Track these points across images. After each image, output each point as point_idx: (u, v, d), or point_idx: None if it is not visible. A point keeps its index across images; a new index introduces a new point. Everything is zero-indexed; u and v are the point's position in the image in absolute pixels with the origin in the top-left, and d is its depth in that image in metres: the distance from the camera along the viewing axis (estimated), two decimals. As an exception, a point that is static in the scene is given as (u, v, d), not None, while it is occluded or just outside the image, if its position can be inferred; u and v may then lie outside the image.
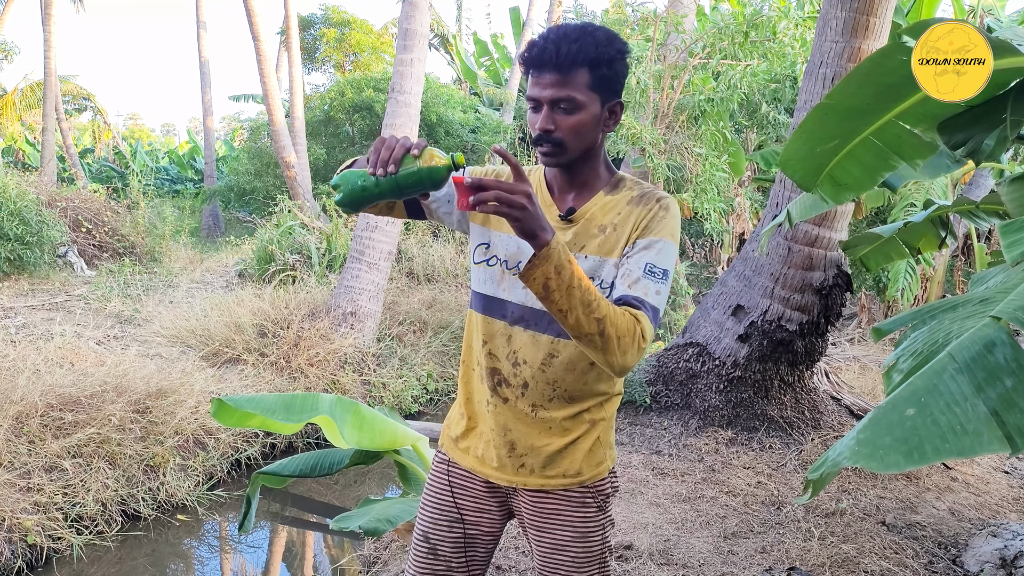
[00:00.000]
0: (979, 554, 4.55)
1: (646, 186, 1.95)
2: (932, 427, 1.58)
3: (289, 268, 11.34)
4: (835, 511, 5.05)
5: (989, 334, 1.70)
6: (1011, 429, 1.55)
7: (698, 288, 12.31)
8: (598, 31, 1.78)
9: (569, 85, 1.77)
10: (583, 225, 1.92)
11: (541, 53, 1.77)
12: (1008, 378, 1.62)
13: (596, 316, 1.66)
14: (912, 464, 1.54)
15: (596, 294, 1.68)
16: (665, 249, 1.84)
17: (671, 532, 4.68)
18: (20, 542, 4.97)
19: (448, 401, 9.23)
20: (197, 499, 5.99)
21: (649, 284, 1.80)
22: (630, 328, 1.71)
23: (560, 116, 1.80)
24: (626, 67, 1.85)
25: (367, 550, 5.06)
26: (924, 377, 1.70)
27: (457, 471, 2.16)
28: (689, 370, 6.44)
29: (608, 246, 1.89)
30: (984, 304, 1.89)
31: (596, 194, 1.94)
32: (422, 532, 2.16)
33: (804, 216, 4.32)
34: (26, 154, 26.97)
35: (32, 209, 10.94)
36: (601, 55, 1.77)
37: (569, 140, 1.83)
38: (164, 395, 6.49)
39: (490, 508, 2.14)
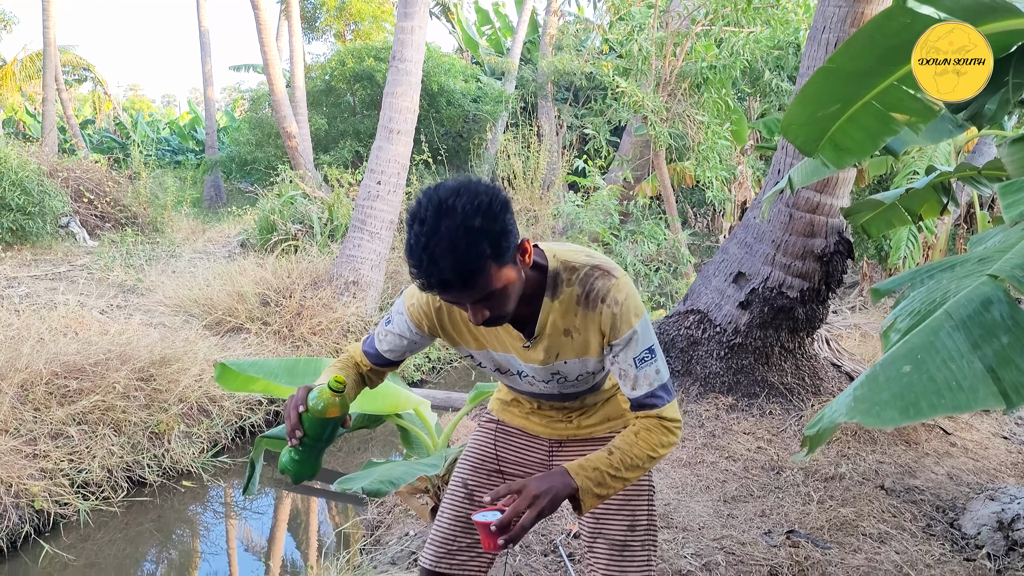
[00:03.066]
0: (976, 517, 4.59)
1: (580, 272, 1.88)
2: (928, 383, 1.59)
3: (291, 238, 11.34)
4: (834, 475, 5.09)
5: (986, 292, 1.71)
6: (1007, 386, 1.56)
7: (700, 257, 12.31)
8: (469, 219, 1.60)
9: (480, 288, 1.67)
10: (548, 338, 1.94)
11: (440, 283, 1.65)
12: (1004, 335, 1.63)
13: (640, 465, 1.85)
14: (908, 419, 1.56)
15: (627, 455, 1.84)
16: (640, 334, 1.88)
17: (671, 496, 4.72)
18: (28, 508, 5.02)
19: (450, 370, 9.28)
20: (202, 466, 6.05)
21: (646, 372, 1.88)
22: (658, 433, 1.88)
23: (488, 304, 1.74)
24: (506, 213, 1.70)
25: (370, 514, 5.11)
26: (921, 335, 1.71)
27: (504, 427, 2.29)
28: (690, 337, 6.45)
29: (580, 347, 1.94)
30: (982, 263, 1.90)
31: (542, 301, 1.90)
32: (461, 480, 2.26)
33: (806, 182, 4.31)
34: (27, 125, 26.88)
35: (33, 179, 10.93)
36: (489, 244, 1.63)
37: (507, 309, 1.78)
38: (168, 363, 6.53)
39: (530, 462, 2.26)
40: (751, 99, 12.96)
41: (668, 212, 11.67)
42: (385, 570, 3.86)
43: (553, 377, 2.02)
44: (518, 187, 13.82)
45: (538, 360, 1.97)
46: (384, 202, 9.32)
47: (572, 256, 1.90)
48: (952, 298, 1.78)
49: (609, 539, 2.13)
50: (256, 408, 6.97)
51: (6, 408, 5.42)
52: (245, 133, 18.88)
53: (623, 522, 2.14)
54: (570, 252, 1.92)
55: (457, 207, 1.60)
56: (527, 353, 1.97)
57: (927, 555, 4.08)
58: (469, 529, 2.20)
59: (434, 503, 3.53)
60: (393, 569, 3.86)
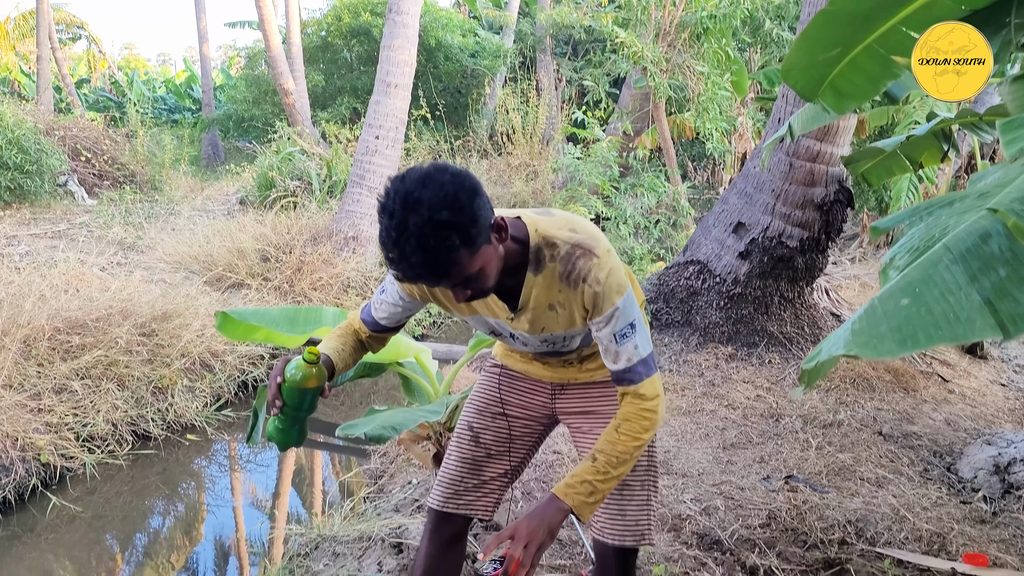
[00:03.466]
0: (973, 461, 4.64)
1: (561, 249, 1.87)
2: (926, 316, 1.60)
3: (290, 194, 11.32)
4: (833, 422, 5.13)
5: (985, 225, 1.72)
6: (1004, 317, 1.57)
7: (699, 211, 12.28)
8: (436, 212, 1.58)
9: (456, 275, 1.68)
10: (533, 311, 1.95)
11: (413, 277, 1.67)
12: (1002, 268, 1.64)
13: (628, 459, 1.89)
14: (905, 350, 1.57)
15: (611, 455, 1.88)
16: (622, 311, 1.88)
17: (671, 444, 4.76)
18: (34, 461, 5.07)
19: (451, 324, 9.31)
20: (205, 419, 6.09)
21: (626, 347, 1.90)
22: (638, 420, 1.90)
23: (468, 285, 1.74)
24: (475, 199, 1.65)
25: (374, 464, 5.16)
26: (919, 269, 1.72)
27: (508, 372, 2.32)
28: (690, 288, 6.47)
29: (566, 322, 1.96)
30: (982, 198, 1.90)
31: (525, 274, 1.90)
32: (467, 423, 2.30)
33: (806, 128, 4.29)
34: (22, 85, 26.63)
35: (30, 138, 10.87)
36: (458, 235, 1.61)
37: (488, 285, 1.78)
38: (169, 318, 6.55)
39: (534, 405, 2.30)
40: (752, 50, 12.84)
41: (668, 164, 11.62)
42: (388, 517, 3.91)
43: (543, 343, 2.06)
44: (517, 142, 13.75)
45: (524, 330, 2.00)
46: (383, 157, 9.28)
47: (554, 231, 1.88)
48: (951, 233, 1.78)
49: None
50: (258, 362, 7.01)
51: (9, 363, 5.45)
52: (242, 91, 18.73)
53: None
54: (553, 226, 1.89)
55: (423, 200, 1.58)
56: (513, 323, 2.00)
57: (924, 498, 4.13)
58: (475, 471, 2.24)
59: (436, 449, 3.57)
60: (396, 516, 3.91)
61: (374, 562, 3.43)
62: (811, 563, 3.34)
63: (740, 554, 3.41)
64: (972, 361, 6.82)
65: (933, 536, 3.64)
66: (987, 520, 3.94)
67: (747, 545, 3.51)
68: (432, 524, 2.24)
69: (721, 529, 3.65)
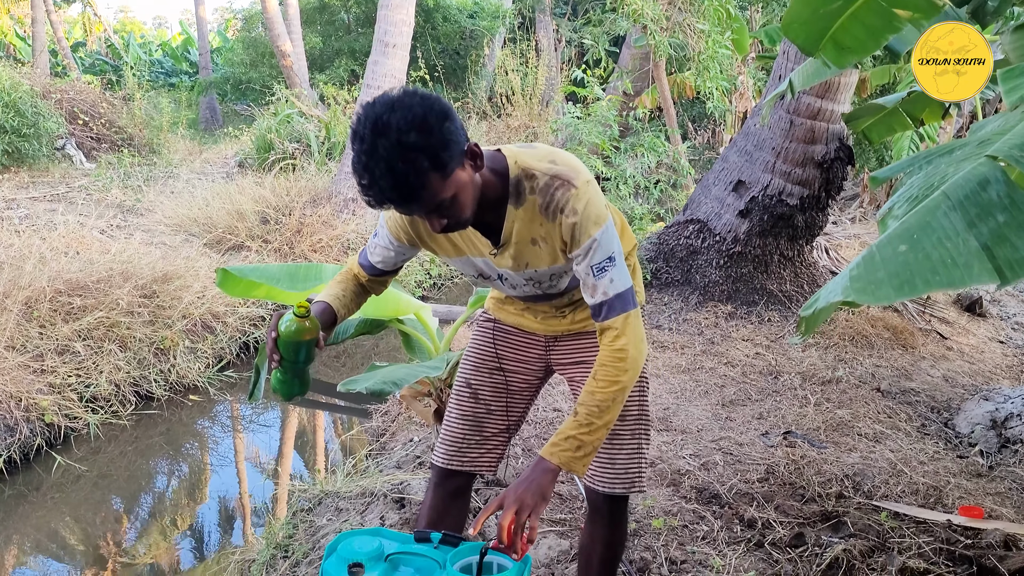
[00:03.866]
0: (971, 417, 4.67)
1: (540, 181, 1.85)
2: (924, 261, 1.61)
3: (289, 156, 11.28)
4: (831, 379, 5.16)
5: (984, 172, 1.72)
6: (1001, 262, 1.58)
7: (700, 171, 12.24)
8: (404, 135, 1.58)
9: (428, 200, 1.67)
10: (516, 246, 1.93)
11: (383, 201, 1.66)
12: (1000, 214, 1.64)
13: (611, 405, 1.85)
14: (903, 295, 1.58)
15: (592, 405, 1.85)
16: (600, 243, 1.85)
17: (670, 401, 4.79)
18: (38, 421, 5.11)
19: (451, 285, 9.32)
20: (208, 380, 6.12)
21: (602, 281, 1.87)
22: (612, 364, 1.86)
23: (442, 212, 1.73)
24: (446, 122, 1.64)
25: (375, 423, 5.20)
26: (917, 215, 1.72)
27: (501, 327, 2.32)
28: (689, 247, 6.47)
29: (549, 256, 1.94)
30: (981, 146, 1.90)
31: (506, 208, 1.89)
32: (464, 379, 2.30)
33: (807, 84, 4.27)
34: (17, 48, 26.37)
35: (27, 101, 10.79)
36: (427, 158, 1.61)
37: (464, 215, 1.77)
38: (170, 280, 6.56)
39: (529, 358, 2.30)
40: (753, 8, 12.71)
41: (668, 124, 11.56)
42: (390, 473, 3.94)
43: (528, 281, 2.04)
44: (516, 103, 13.66)
45: (508, 266, 1.99)
46: (381, 118, 9.22)
47: (534, 163, 1.86)
48: (950, 180, 1.78)
49: None
50: (259, 324, 7.03)
51: (11, 325, 5.46)
52: (239, 53, 18.57)
53: None
54: (533, 157, 1.88)
55: (392, 124, 1.58)
56: (496, 259, 1.98)
57: (921, 453, 4.17)
58: (477, 427, 2.25)
59: (437, 405, 3.59)
60: (398, 472, 3.95)
61: (377, 516, 3.47)
62: (808, 516, 3.37)
63: (738, 508, 3.45)
64: (971, 318, 6.84)
65: (930, 490, 3.67)
66: (983, 474, 3.97)
67: (745, 499, 3.54)
68: (436, 479, 2.25)
69: (720, 484, 3.69)
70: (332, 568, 1.70)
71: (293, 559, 3.34)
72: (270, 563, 3.40)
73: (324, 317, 2.03)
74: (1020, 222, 1.62)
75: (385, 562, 1.72)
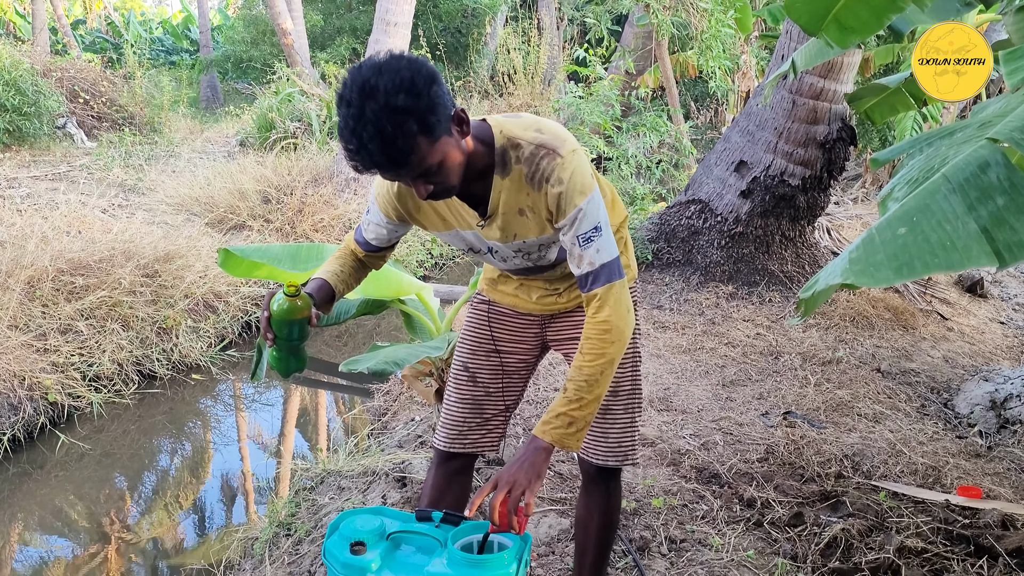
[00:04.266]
0: (970, 397, 4.69)
1: (525, 150, 1.84)
2: (923, 244, 1.61)
3: (290, 136, 11.25)
4: (831, 360, 5.17)
5: (984, 155, 1.72)
6: (1000, 245, 1.59)
7: (702, 151, 12.21)
8: (392, 97, 1.57)
9: (415, 165, 1.66)
10: (503, 217, 1.92)
11: (371, 166, 1.64)
12: (1000, 197, 1.65)
13: (599, 378, 1.84)
14: (901, 278, 1.59)
15: (580, 380, 1.84)
16: (586, 213, 1.83)
17: (671, 381, 4.81)
18: (42, 400, 5.13)
19: (452, 265, 9.32)
20: (210, 359, 6.14)
21: (588, 251, 1.85)
22: (598, 337, 1.85)
23: (429, 179, 1.72)
24: (433, 86, 1.64)
25: (377, 402, 5.22)
26: (917, 198, 1.72)
27: (496, 308, 2.32)
28: (691, 227, 6.47)
29: (538, 226, 1.92)
30: (982, 128, 1.90)
31: (492, 178, 1.87)
32: (462, 362, 2.31)
33: (810, 64, 4.25)
34: (16, 26, 26.25)
35: (27, 79, 10.75)
36: (416, 121, 1.60)
37: (451, 182, 1.75)
38: (172, 259, 6.57)
39: (525, 339, 2.31)
40: (756, -14, 12.61)
41: (670, 104, 11.51)
42: (392, 452, 3.97)
43: (517, 253, 2.03)
44: (518, 82, 13.60)
45: (496, 238, 1.98)
46: (382, 97, 9.19)
47: (520, 132, 1.85)
48: (950, 162, 1.79)
49: None
50: (261, 303, 7.03)
51: (14, 304, 5.48)
52: (240, 31, 18.50)
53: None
54: (518, 127, 1.86)
55: (379, 87, 1.57)
56: (484, 231, 1.97)
57: (920, 433, 4.18)
58: (476, 409, 2.27)
59: (438, 385, 3.61)
60: (400, 451, 3.97)
61: (378, 495, 3.49)
62: (807, 496, 3.39)
63: (738, 487, 3.47)
64: (972, 299, 6.85)
65: (928, 470, 3.69)
66: (982, 454, 3.99)
67: (745, 479, 3.56)
68: (437, 460, 2.28)
69: (720, 463, 3.71)
70: (334, 546, 1.71)
71: (295, 537, 3.37)
72: (273, 541, 3.43)
73: (322, 294, 2.04)
74: (1020, 205, 1.62)
75: (387, 540, 1.74)
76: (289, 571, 3.12)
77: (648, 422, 4.16)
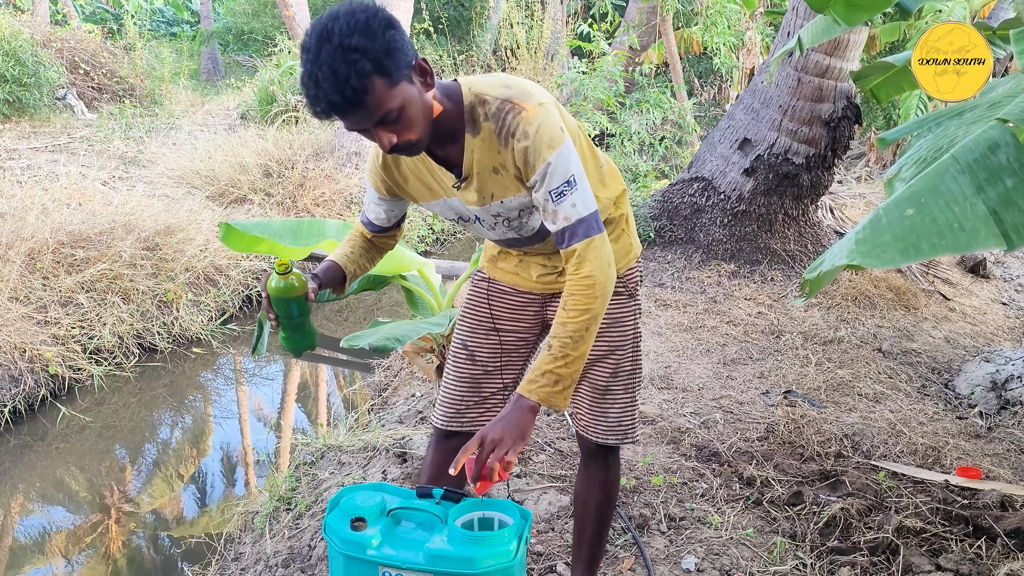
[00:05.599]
0: (971, 378, 4.69)
1: (492, 106, 1.80)
2: (930, 225, 1.60)
3: (292, 109, 11.19)
4: (833, 339, 5.17)
5: (993, 136, 1.70)
6: (1008, 227, 1.57)
7: (705, 128, 12.16)
8: (346, 38, 1.57)
9: (373, 107, 1.63)
10: (478, 178, 1.88)
11: (329, 108, 1.62)
12: (1009, 178, 1.63)
13: (584, 334, 1.81)
14: (908, 259, 1.57)
15: (563, 337, 1.80)
16: (555, 166, 1.78)
17: (672, 359, 4.81)
18: (42, 372, 5.14)
19: (454, 241, 9.30)
20: (211, 333, 6.15)
21: (563, 205, 1.80)
22: (581, 292, 1.81)
23: (390, 127, 1.69)
24: (390, 31, 1.63)
25: (377, 378, 5.23)
26: (925, 179, 1.71)
27: (497, 286, 2.29)
28: (694, 205, 6.45)
29: (512, 186, 1.88)
30: (991, 108, 1.88)
31: (463, 139, 1.84)
32: (460, 340, 2.29)
33: (816, 41, 4.22)
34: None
35: (27, 49, 10.68)
36: (370, 61, 1.58)
37: (416, 133, 1.72)
38: (172, 233, 6.56)
39: (525, 317, 2.28)
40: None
41: (674, 80, 11.44)
42: (392, 428, 3.97)
43: (497, 220, 1.99)
44: (521, 57, 13.52)
45: (474, 202, 1.94)
46: (385, 71, 9.15)
47: (487, 88, 1.82)
48: (959, 143, 1.77)
49: (592, 383, 2.22)
50: (262, 277, 7.02)
51: (15, 276, 5.47)
52: (241, 3, 18.37)
53: (606, 369, 2.20)
54: (486, 84, 1.83)
55: (335, 30, 1.58)
56: (463, 195, 1.94)
57: (920, 413, 4.19)
58: (475, 388, 2.26)
59: (439, 361, 3.61)
60: (400, 427, 3.98)
61: (379, 471, 3.50)
62: (807, 475, 3.40)
63: (738, 466, 3.47)
64: (974, 280, 6.84)
65: (928, 450, 3.70)
66: (982, 435, 4.00)
67: (745, 457, 3.57)
68: (437, 438, 2.28)
69: (720, 442, 3.71)
70: (335, 522, 1.72)
71: (296, 511, 3.38)
72: (273, 515, 3.44)
73: (330, 275, 2.06)
74: (1029, 186, 1.61)
75: (387, 517, 1.74)
76: (289, 545, 3.13)
77: (648, 400, 4.16)
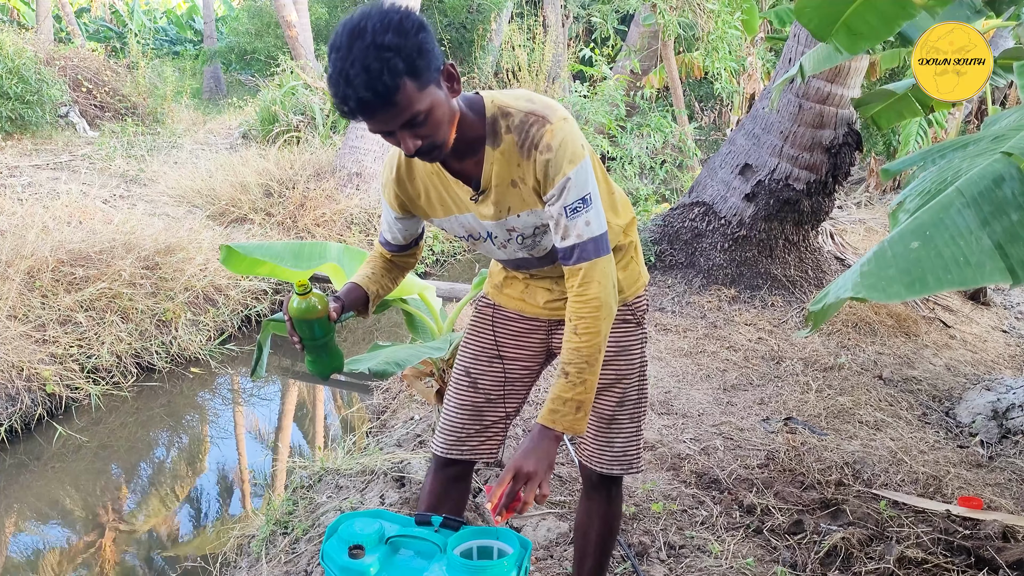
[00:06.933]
0: (972, 407, 4.67)
1: (515, 118, 1.82)
2: (936, 259, 1.59)
3: (293, 129, 11.23)
4: (833, 366, 5.15)
5: (999, 169, 1.70)
6: (1014, 262, 1.57)
7: (706, 152, 12.19)
8: (379, 36, 1.57)
9: (403, 107, 1.63)
10: (496, 191, 1.89)
11: (358, 106, 1.62)
12: (1015, 212, 1.63)
13: (595, 356, 1.84)
14: (913, 293, 1.57)
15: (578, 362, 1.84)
16: (574, 182, 1.80)
17: (672, 384, 4.79)
18: (39, 391, 5.12)
19: (454, 262, 9.30)
20: (209, 353, 6.12)
21: (576, 223, 1.81)
22: (590, 316, 1.83)
23: (416, 130, 1.69)
24: (422, 33, 1.63)
25: (376, 400, 5.21)
26: (930, 212, 1.70)
27: (501, 312, 2.27)
28: (694, 229, 6.45)
29: (530, 199, 1.88)
30: (996, 141, 1.88)
31: (484, 150, 1.85)
32: (463, 368, 2.27)
33: (817, 69, 4.24)
34: (20, 13, 26.20)
35: (30, 67, 10.73)
36: (402, 60, 1.59)
37: (439, 138, 1.73)
38: (172, 252, 6.56)
39: (530, 344, 2.26)
40: (763, -12, 12.58)
41: (675, 104, 11.48)
42: (391, 451, 3.95)
43: (511, 235, 1.98)
44: (523, 79, 13.56)
45: (490, 216, 1.94)
46: (387, 92, 9.18)
47: (510, 101, 1.84)
48: (964, 176, 1.77)
49: (598, 412, 2.20)
50: (261, 297, 7.02)
51: (14, 294, 5.46)
52: (244, 22, 18.46)
53: (613, 397, 2.19)
54: (509, 97, 1.85)
55: (367, 27, 1.57)
56: (479, 209, 1.94)
57: (921, 442, 4.17)
58: (476, 416, 2.23)
59: (439, 386, 3.59)
60: (399, 450, 3.96)
61: (377, 495, 3.48)
62: (807, 503, 3.38)
63: (738, 493, 3.45)
64: (974, 307, 6.83)
65: (929, 479, 3.68)
66: (983, 464, 3.98)
67: (745, 485, 3.55)
68: (436, 465, 2.25)
69: (720, 469, 3.69)
70: (333, 549, 1.70)
71: (293, 536, 3.35)
72: (270, 539, 3.41)
73: (352, 296, 2.08)
74: (1034, 220, 1.60)
75: (386, 544, 1.72)
76: (286, 571, 3.10)
77: (648, 426, 4.14)
